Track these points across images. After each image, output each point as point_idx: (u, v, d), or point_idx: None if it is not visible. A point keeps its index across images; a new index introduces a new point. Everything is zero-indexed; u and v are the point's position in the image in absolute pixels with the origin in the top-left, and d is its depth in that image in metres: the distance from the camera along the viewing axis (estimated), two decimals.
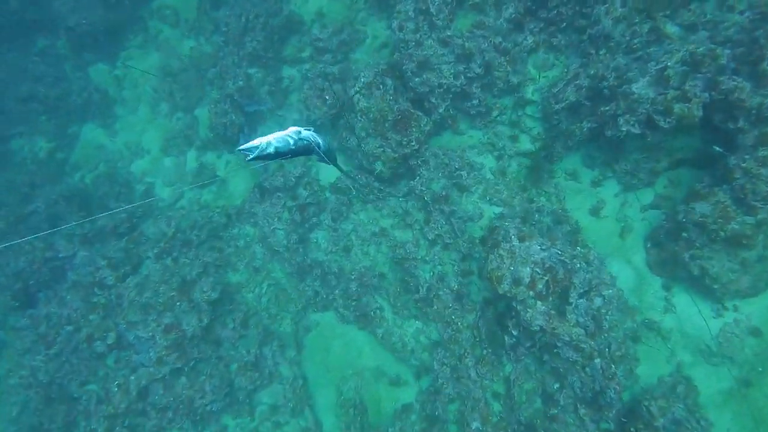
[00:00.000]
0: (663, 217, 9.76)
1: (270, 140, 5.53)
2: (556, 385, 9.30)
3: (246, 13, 13.33)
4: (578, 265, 9.17)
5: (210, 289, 11.40)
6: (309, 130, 6.42)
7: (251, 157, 5.47)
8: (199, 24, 15.02)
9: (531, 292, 8.89)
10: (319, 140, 6.50)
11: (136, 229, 13.05)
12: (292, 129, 6.01)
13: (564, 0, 10.01)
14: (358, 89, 11.32)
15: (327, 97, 12.47)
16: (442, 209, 10.93)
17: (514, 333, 9.52)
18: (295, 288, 12.03)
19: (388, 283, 11.41)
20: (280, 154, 5.52)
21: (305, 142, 5.91)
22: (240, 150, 5.47)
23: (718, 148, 8.82)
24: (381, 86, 11.13)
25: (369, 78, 11.24)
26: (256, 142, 5.44)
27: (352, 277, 11.45)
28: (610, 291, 9.19)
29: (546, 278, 8.92)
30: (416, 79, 11.09)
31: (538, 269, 9.03)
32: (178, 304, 11.15)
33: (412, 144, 11.03)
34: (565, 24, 10.28)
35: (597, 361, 8.71)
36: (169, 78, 14.90)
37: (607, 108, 9.55)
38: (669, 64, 8.75)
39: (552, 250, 9.37)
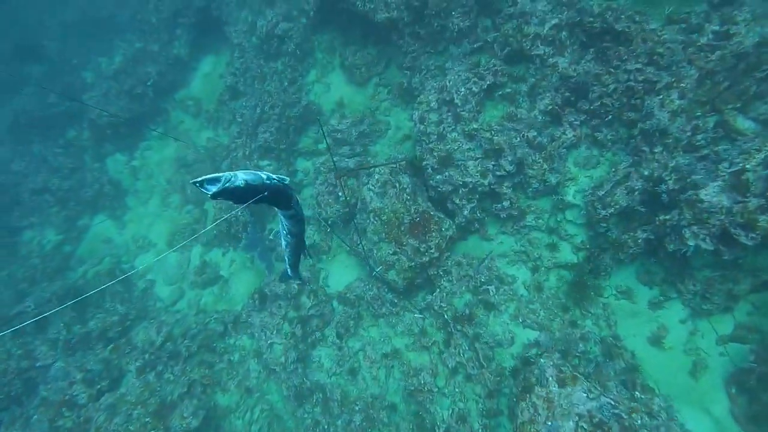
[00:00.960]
0: (751, 356, 7.66)
1: (237, 173, 4.27)
2: None
3: (262, 104, 12.71)
4: (639, 420, 7.08)
5: (191, 414, 9.80)
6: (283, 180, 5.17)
7: (215, 190, 4.03)
8: (218, 114, 14.63)
9: None
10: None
11: (127, 334, 11.81)
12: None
13: (608, 91, 8.66)
14: (371, 186, 10.09)
15: (340, 194, 11.33)
16: (465, 331, 9.15)
17: None
18: (292, 415, 10.22)
19: (399, 418, 9.45)
20: (250, 189, 4.23)
21: (278, 183, 4.55)
22: (196, 182, 3.98)
23: None
24: (397, 184, 9.86)
25: (384, 174, 10.04)
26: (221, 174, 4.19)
27: (357, 408, 9.59)
28: None
29: None
30: (437, 177, 9.81)
31: (584, 425, 6.99)
32: None
33: (432, 251, 9.53)
34: (610, 117, 8.87)
35: None
36: (183, 169, 14.31)
37: (667, 217, 7.86)
38: (747, 166, 7.07)
39: (603, 399, 7.36)
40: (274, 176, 5.10)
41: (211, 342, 11.32)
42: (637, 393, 7.90)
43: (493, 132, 9.31)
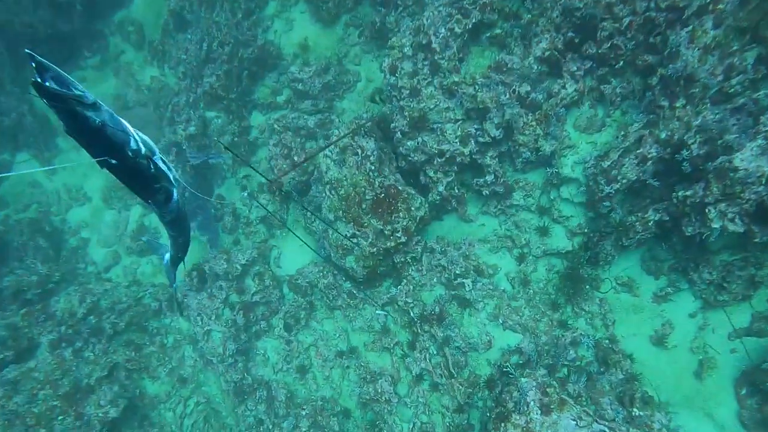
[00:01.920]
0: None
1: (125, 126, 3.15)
2: None
3: (209, 38, 10.63)
4: None
5: (110, 402, 8.47)
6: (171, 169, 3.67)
7: (51, 90, 2.67)
8: (164, 47, 12.43)
9: None
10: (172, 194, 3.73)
11: (47, 299, 10.25)
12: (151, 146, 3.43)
13: (622, 26, 6.74)
14: (328, 152, 8.32)
15: (296, 158, 9.55)
16: (434, 333, 7.65)
17: None
18: (232, 411, 8.91)
19: (353, 426, 8.16)
20: (104, 138, 3.00)
21: (158, 167, 3.34)
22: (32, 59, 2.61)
23: None
24: (359, 150, 8.08)
25: (343, 138, 8.24)
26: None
27: (305, 412, 8.24)
28: None
29: None
30: (408, 143, 8.04)
31: None
32: (59, 418, 8.24)
33: (398, 235, 7.88)
34: (622, 62, 6.97)
35: None
36: (122, 113, 12.31)
37: (688, 193, 6.20)
38: None
39: (595, 427, 5.99)
40: (164, 160, 3.56)
41: (143, 320, 9.87)
42: (635, 410, 6.60)
43: (477, 86, 7.45)
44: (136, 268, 10.95)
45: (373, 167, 8.01)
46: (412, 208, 7.95)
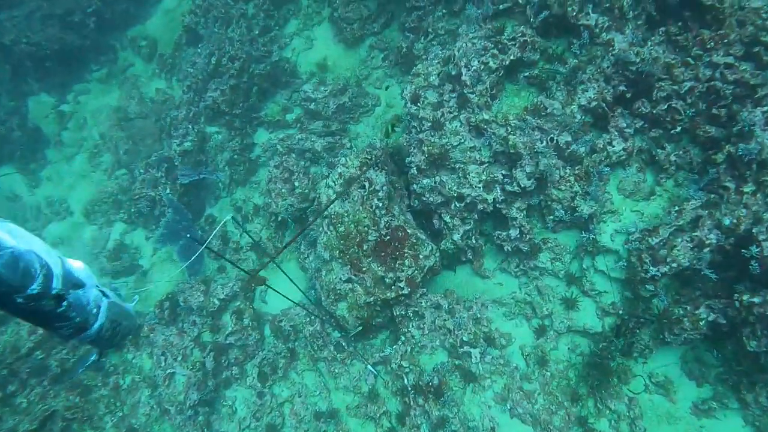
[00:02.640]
0: None
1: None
2: None
3: (219, 53, 9.84)
4: None
5: None
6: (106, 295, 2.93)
7: None
8: (174, 61, 11.74)
9: None
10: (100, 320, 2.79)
11: (9, 320, 9.17)
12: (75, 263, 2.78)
13: (682, 90, 5.86)
14: (330, 182, 7.33)
15: (297, 184, 8.57)
16: (428, 409, 6.45)
17: None
18: None
19: None
20: None
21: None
22: None
23: None
24: (366, 184, 7.09)
25: (350, 167, 7.26)
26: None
27: None
28: None
29: None
30: (424, 181, 7.08)
31: None
32: None
33: (401, 285, 6.80)
34: (679, 128, 6.06)
35: None
36: (123, 124, 11.51)
37: (755, 300, 5.17)
38: None
39: None
40: (102, 290, 2.92)
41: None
42: None
43: (510, 128, 6.50)
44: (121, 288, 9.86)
45: (380, 204, 7.00)
46: (421, 256, 6.89)
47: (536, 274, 7.10)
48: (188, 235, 8.91)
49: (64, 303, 2.49)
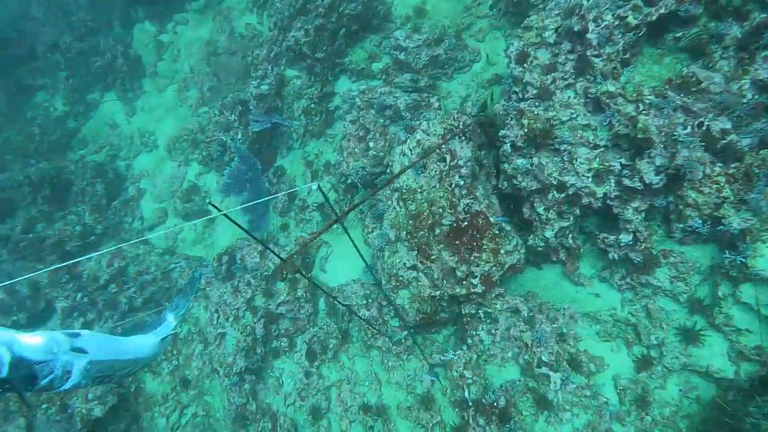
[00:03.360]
0: None
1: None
2: None
3: None
4: None
5: (97, 399, 7.23)
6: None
7: None
8: None
9: None
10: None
11: (83, 253, 9.31)
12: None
13: None
14: (406, 149, 6.22)
15: (371, 144, 7.54)
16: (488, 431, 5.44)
17: None
18: None
19: None
20: None
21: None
22: None
23: None
24: (447, 156, 5.90)
25: (431, 135, 6.08)
26: None
27: None
28: None
29: None
30: (519, 162, 5.78)
31: None
32: (44, 406, 7.16)
33: (474, 282, 5.69)
34: None
35: None
36: (212, 59, 10.98)
37: None
38: None
39: None
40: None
41: (164, 299, 8.54)
42: None
43: (642, 105, 4.98)
44: (177, 233, 9.67)
45: (461, 183, 5.81)
46: (502, 251, 5.70)
47: (648, 292, 5.64)
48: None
49: (8, 386, 2.58)
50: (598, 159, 5.34)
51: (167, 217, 10.11)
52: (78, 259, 3.37)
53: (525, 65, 5.90)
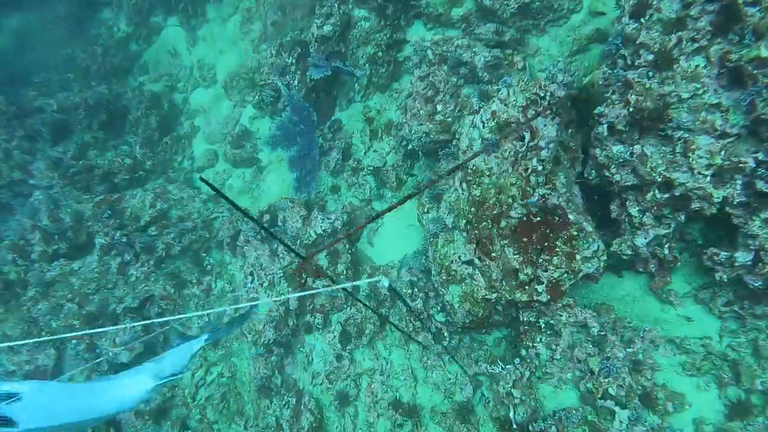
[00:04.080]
0: None
1: None
2: None
3: None
4: None
5: (124, 344, 7.18)
6: None
7: None
8: None
9: None
10: None
11: (128, 189, 9.14)
12: None
13: None
14: (478, 121, 5.24)
15: (439, 108, 6.56)
16: None
17: None
18: (254, 401, 7.05)
19: None
20: None
21: None
22: None
23: None
24: (526, 135, 4.88)
25: (510, 106, 5.05)
26: None
27: None
28: None
29: None
30: (615, 148, 4.69)
31: None
32: (73, 342, 7.17)
33: (539, 289, 4.79)
34: None
35: None
36: None
37: None
38: None
39: None
40: None
41: (202, 250, 8.22)
42: None
43: None
44: (226, 179, 9.24)
45: (540, 168, 4.80)
46: (578, 256, 4.72)
47: (761, 326, 4.54)
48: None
49: None
50: (723, 152, 4.16)
51: (217, 160, 9.71)
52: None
53: (642, 20, 4.66)
